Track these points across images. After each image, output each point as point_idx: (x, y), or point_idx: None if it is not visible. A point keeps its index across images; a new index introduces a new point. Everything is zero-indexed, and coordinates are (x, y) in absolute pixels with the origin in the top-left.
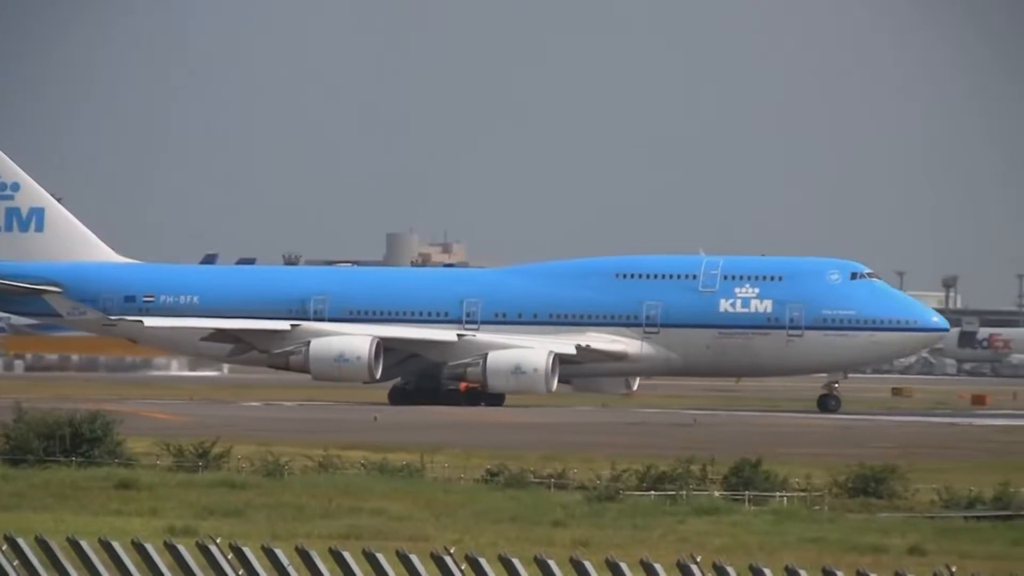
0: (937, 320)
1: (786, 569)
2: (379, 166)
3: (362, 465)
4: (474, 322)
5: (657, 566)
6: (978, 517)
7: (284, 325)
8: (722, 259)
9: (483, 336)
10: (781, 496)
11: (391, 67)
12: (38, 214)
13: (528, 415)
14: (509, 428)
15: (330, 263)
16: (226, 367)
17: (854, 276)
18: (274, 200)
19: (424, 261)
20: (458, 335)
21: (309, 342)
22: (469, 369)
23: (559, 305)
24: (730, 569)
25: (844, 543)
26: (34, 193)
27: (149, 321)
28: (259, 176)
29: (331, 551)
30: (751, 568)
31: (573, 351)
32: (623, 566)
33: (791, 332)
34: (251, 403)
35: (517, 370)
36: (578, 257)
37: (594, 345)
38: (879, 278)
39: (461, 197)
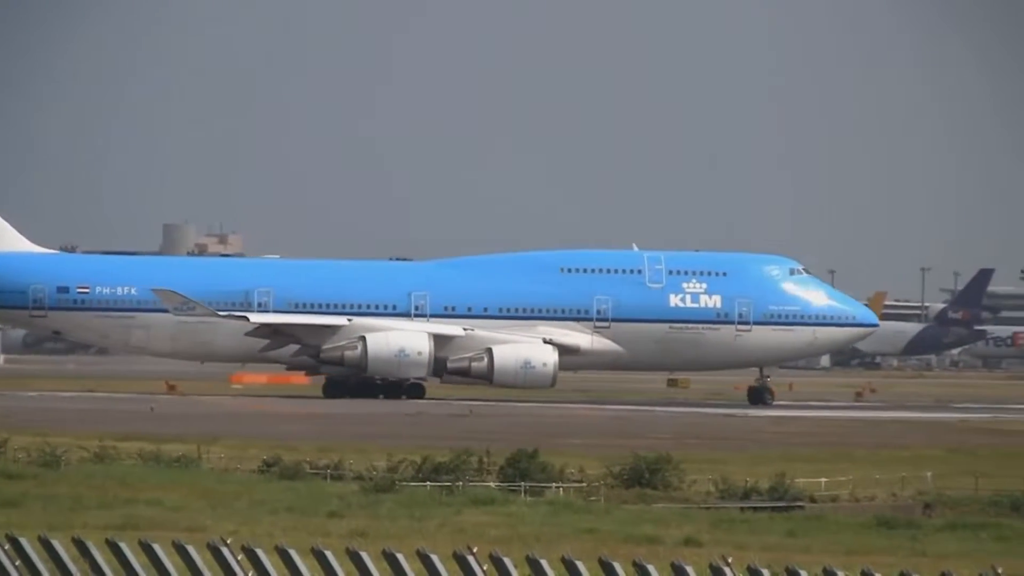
0: (871, 316)
1: (563, 560)
2: (154, 157)
3: (138, 456)
4: (423, 315)
5: (434, 557)
6: (754, 508)
7: (340, 320)
8: (663, 254)
9: (484, 332)
10: (557, 487)
11: (164, 59)
12: None
13: (305, 406)
14: (286, 419)
15: (107, 253)
16: (1, 358)
17: (792, 272)
18: (50, 190)
19: (200, 251)
20: (464, 329)
21: (364, 337)
22: (473, 364)
23: (509, 298)
24: (507, 560)
25: (620, 534)
26: None
27: (255, 317)
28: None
29: (108, 542)
30: (528, 559)
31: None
32: (400, 557)
33: (740, 327)
34: (28, 393)
35: (526, 365)
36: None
37: (556, 339)
38: (812, 274)
39: (236, 187)
